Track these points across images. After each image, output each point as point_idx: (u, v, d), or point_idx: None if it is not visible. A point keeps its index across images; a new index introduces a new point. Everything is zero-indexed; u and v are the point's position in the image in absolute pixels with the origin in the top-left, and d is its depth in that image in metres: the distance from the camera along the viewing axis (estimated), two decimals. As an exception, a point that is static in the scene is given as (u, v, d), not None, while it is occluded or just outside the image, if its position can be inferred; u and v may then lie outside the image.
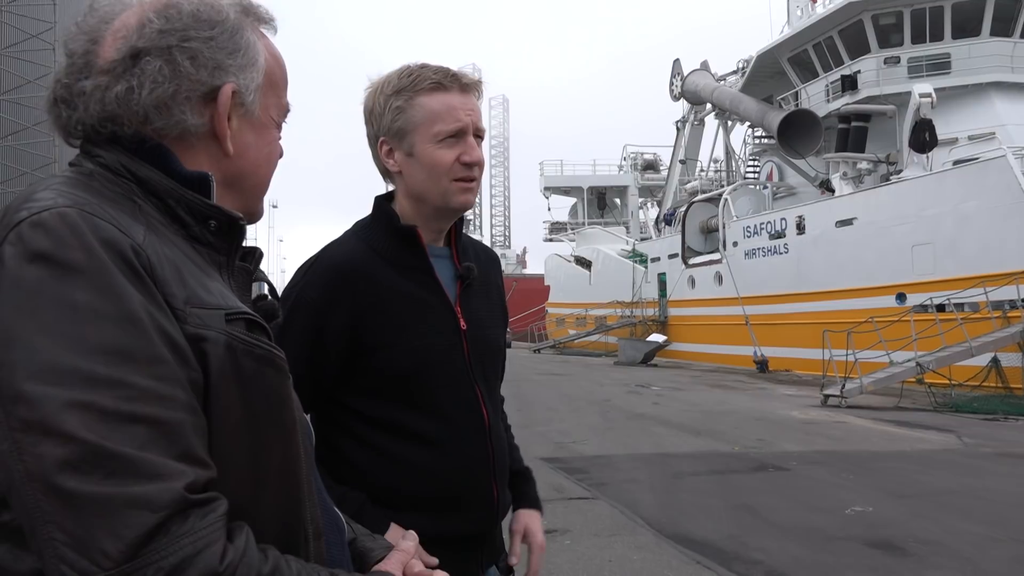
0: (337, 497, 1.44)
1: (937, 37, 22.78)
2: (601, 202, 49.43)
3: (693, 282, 29.40)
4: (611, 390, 17.53)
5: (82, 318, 0.77)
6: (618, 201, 49.16)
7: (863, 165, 22.94)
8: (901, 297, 19.09)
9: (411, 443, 1.60)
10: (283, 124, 1.09)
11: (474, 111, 1.65)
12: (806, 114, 24.89)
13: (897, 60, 23.16)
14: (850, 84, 23.67)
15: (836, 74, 24.65)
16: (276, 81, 1.05)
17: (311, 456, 1.02)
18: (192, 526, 0.76)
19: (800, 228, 23.21)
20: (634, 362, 26.80)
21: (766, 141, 29.51)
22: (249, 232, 1.07)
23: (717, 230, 27.80)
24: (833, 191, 23.17)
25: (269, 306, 1.03)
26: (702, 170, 36.62)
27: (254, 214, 1.07)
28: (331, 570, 0.92)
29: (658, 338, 29.08)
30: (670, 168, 38.80)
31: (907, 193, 19.40)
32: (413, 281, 1.65)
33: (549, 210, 50.68)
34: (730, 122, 33.47)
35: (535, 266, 59.01)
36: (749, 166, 32.43)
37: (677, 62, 36.89)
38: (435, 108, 1.62)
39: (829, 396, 15.20)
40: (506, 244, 78.32)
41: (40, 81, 22.34)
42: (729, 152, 34.27)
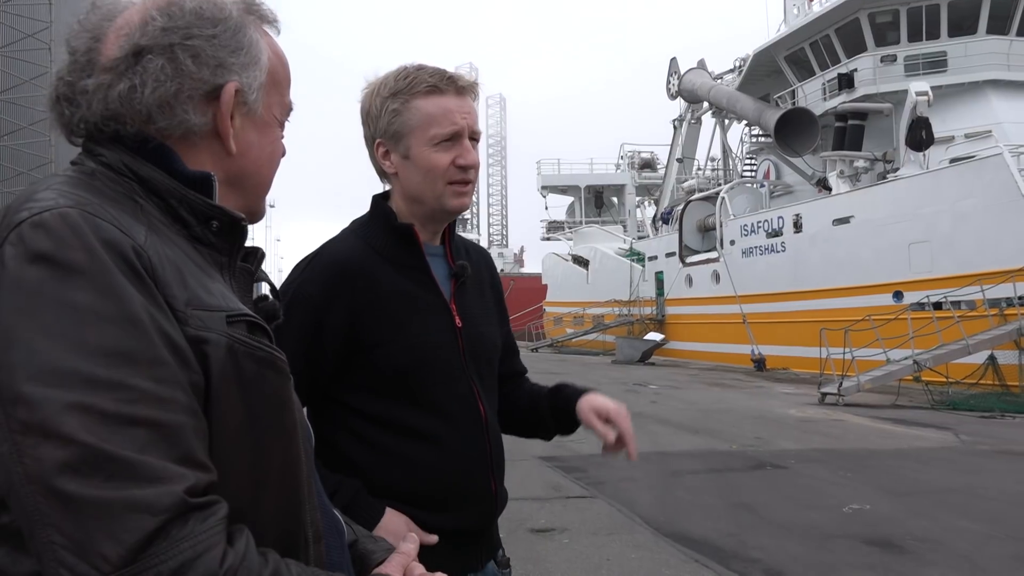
0: (332, 486, 1.44)
1: (933, 35, 22.81)
2: (598, 201, 49.49)
3: (690, 281, 29.42)
4: (609, 389, 17.44)
5: (83, 319, 0.77)
6: (615, 200, 49.21)
7: (860, 163, 22.98)
8: (898, 295, 19.12)
9: (408, 439, 1.61)
10: (286, 123, 1.08)
11: (470, 114, 1.65)
12: (803, 112, 24.90)
13: (894, 58, 23.19)
14: (847, 82, 23.68)
15: (833, 72, 24.66)
16: (279, 80, 1.05)
17: (311, 458, 1.02)
18: (192, 530, 0.76)
19: (797, 226, 23.23)
20: (632, 361, 26.80)
21: (763, 139, 29.55)
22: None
23: (714, 229, 27.81)
24: (830, 189, 23.17)
25: (270, 307, 1.03)
26: (699, 169, 36.58)
27: (256, 213, 1.07)
28: (331, 574, 0.92)
29: (655, 337, 29.07)
30: (667, 167, 38.83)
31: (904, 191, 19.42)
32: (410, 279, 1.66)
33: (546, 209, 50.84)
34: (727, 120, 33.48)
35: (532, 265, 58.97)
36: (746, 165, 32.48)
37: (674, 60, 36.93)
38: (431, 111, 1.62)
39: (826, 394, 15.22)
40: (503, 243, 78.29)
41: (36, 81, 22.28)
42: (726, 151, 34.27)
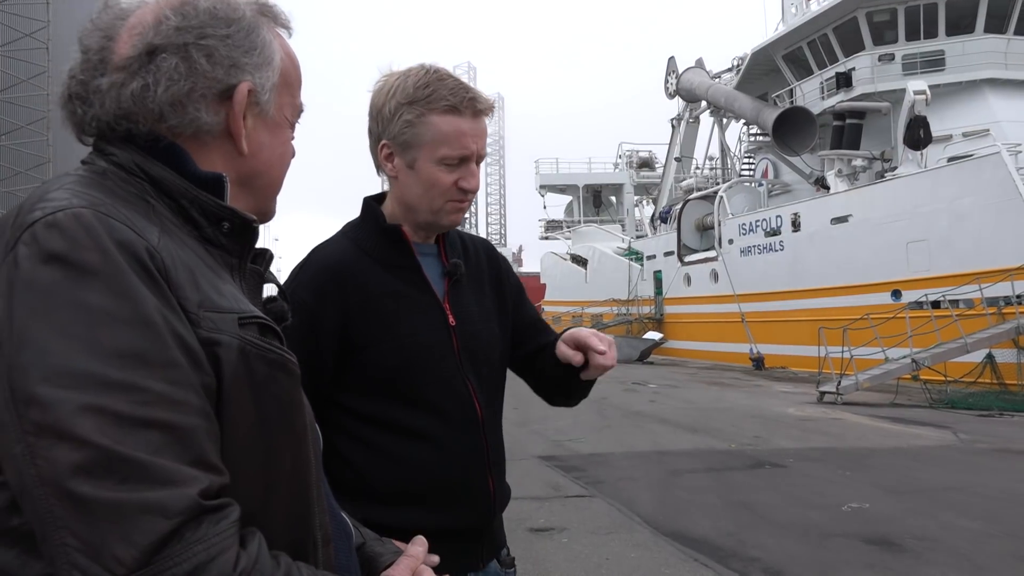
0: None
1: (931, 34, 22.81)
2: (597, 200, 49.47)
3: (689, 280, 29.42)
4: (607, 388, 17.46)
5: (96, 321, 0.76)
6: (614, 199, 49.20)
7: (858, 162, 22.98)
8: (896, 294, 19.13)
9: (404, 438, 1.61)
10: (296, 124, 1.08)
11: (481, 137, 1.66)
12: (801, 111, 24.90)
13: (892, 57, 23.19)
14: (845, 81, 23.68)
15: (831, 71, 24.65)
16: (291, 81, 1.04)
17: (320, 461, 1.02)
18: (205, 532, 0.75)
19: (795, 225, 23.23)
20: (630, 360, 26.78)
21: (761, 138, 29.55)
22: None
23: (713, 228, 27.80)
24: (828, 188, 23.18)
25: (278, 308, 1.03)
26: (697, 168, 36.57)
27: (266, 214, 1.07)
28: None
29: (654, 336, 29.07)
30: (665, 166, 38.82)
31: (902, 190, 19.43)
32: (401, 279, 1.67)
33: (545, 208, 50.86)
34: (725, 119, 33.49)
35: (531, 264, 58.98)
36: (744, 163, 32.47)
37: (672, 60, 36.93)
38: (445, 131, 1.61)
39: (825, 393, 15.23)
40: (502, 242, 78.21)
41: (34, 80, 22.27)
42: (724, 149, 34.28)
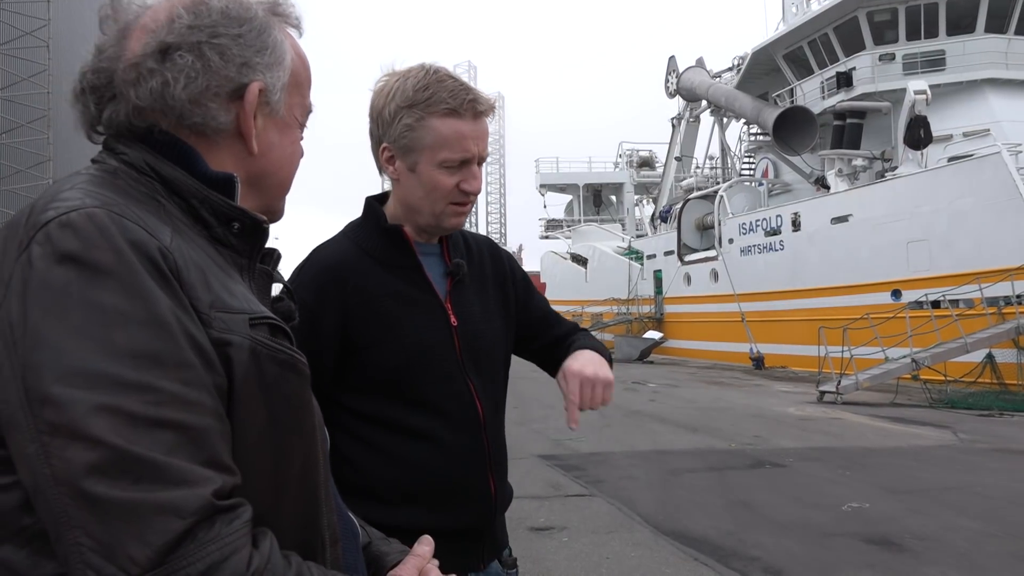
0: None
1: (932, 34, 22.81)
2: (597, 199, 49.46)
3: (689, 279, 29.42)
4: (607, 387, 17.47)
5: (110, 321, 0.76)
6: (614, 198, 49.18)
7: (858, 162, 22.97)
8: (896, 294, 19.14)
9: (405, 438, 1.62)
10: (305, 125, 1.08)
11: (482, 139, 1.64)
12: (801, 111, 24.89)
13: (892, 57, 23.19)
14: (845, 81, 23.68)
15: (831, 71, 24.64)
16: (301, 81, 1.05)
17: (327, 461, 1.02)
18: (219, 532, 0.76)
19: (796, 225, 23.23)
20: (630, 359, 26.82)
21: (761, 138, 29.54)
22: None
23: (713, 227, 27.79)
24: (828, 188, 23.18)
25: (286, 308, 1.03)
26: (698, 167, 36.57)
27: (275, 214, 1.07)
28: None
29: (654, 335, 29.09)
30: (666, 165, 38.80)
31: (902, 190, 19.43)
32: (402, 279, 1.67)
33: (545, 207, 50.83)
34: (725, 119, 33.46)
35: (531, 263, 58.90)
36: (744, 163, 32.47)
37: (672, 59, 36.92)
38: (445, 134, 1.60)
39: (825, 392, 15.24)
40: (502, 241, 78.14)
41: (34, 79, 22.26)
42: (724, 149, 34.25)
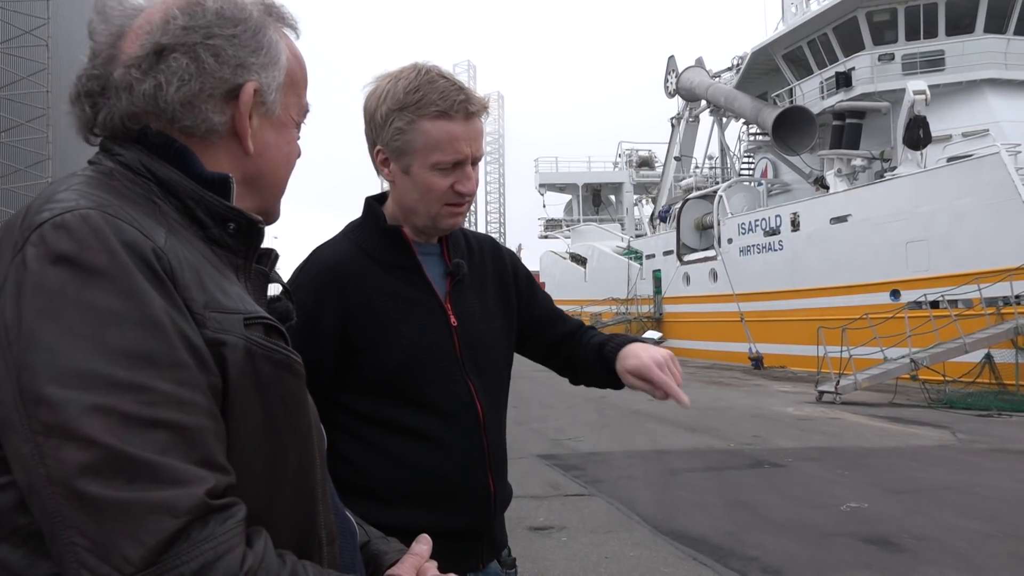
0: None
1: (931, 34, 22.82)
2: (596, 199, 49.46)
3: (688, 279, 29.43)
4: (606, 387, 17.47)
5: (104, 321, 0.77)
6: (613, 198, 49.20)
7: (857, 162, 22.97)
8: (895, 294, 19.15)
9: (404, 438, 1.62)
10: (302, 124, 1.08)
11: (476, 139, 1.62)
12: (800, 111, 24.90)
13: (891, 57, 23.20)
14: (844, 81, 23.68)
15: (831, 71, 24.65)
16: (297, 81, 1.05)
17: (324, 460, 1.02)
18: (212, 531, 0.76)
19: (795, 225, 23.23)
20: (629, 359, 26.77)
21: (761, 138, 29.57)
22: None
23: (712, 227, 27.79)
24: (828, 188, 23.19)
25: (283, 308, 1.03)
26: (697, 167, 36.60)
27: (271, 214, 1.07)
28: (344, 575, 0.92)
29: (653, 335, 28.96)
30: (665, 165, 38.81)
31: (901, 190, 19.43)
32: (401, 279, 1.67)
33: (544, 207, 50.83)
34: (725, 119, 33.48)
35: (530, 263, 58.87)
36: (744, 163, 32.50)
37: (672, 59, 36.96)
38: (436, 137, 1.59)
39: (824, 392, 15.26)
40: (501, 241, 77.71)
41: (34, 77, 22.23)
42: (724, 149, 34.29)
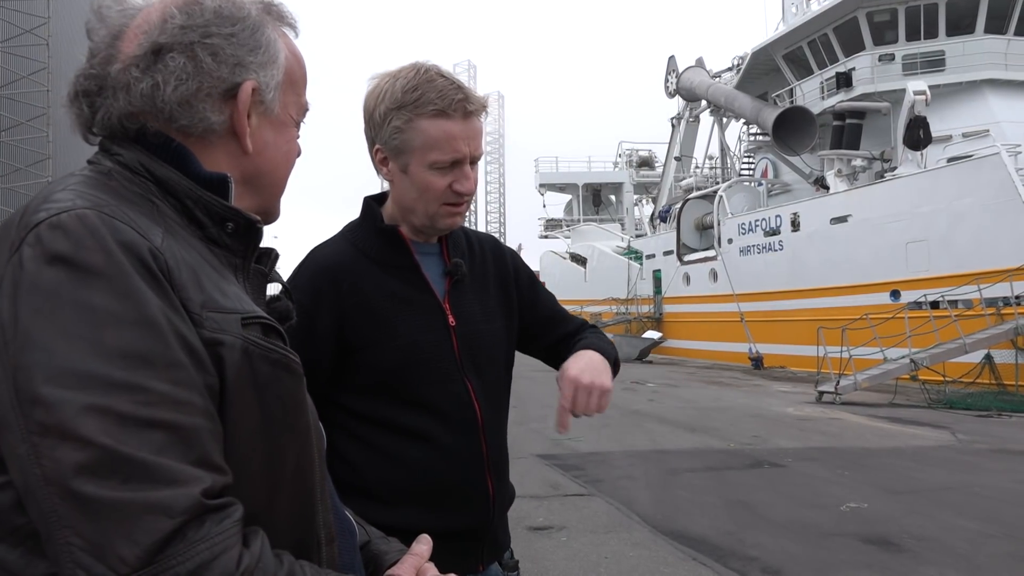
0: None
1: (931, 34, 22.81)
2: (596, 199, 49.45)
3: (688, 279, 29.43)
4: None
5: (100, 322, 0.76)
6: (613, 198, 49.19)
7: (858, 162, 22.98)
8: (895, 294, 19.15)
9: (402, 438, 1.61)
10: (301, 123, 1.08)
11: (474, 138, 1.61)
12: (801, 111, 24.89)
13: (892, 57, 23.20)
14: (845, 81, 23.68)
15: (831, 71, 24.64)
16: (296, 79, 1.04)
17: (323, 460, 1.02)
18: (208, 531, 0.76)
19: (795, 225, 23.23)
20: (629, 359, 26.78)
21: (761, 138, 29.56)
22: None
23: (712, 227, 27.79)
24: (828, 188, 23.19)
25: (283, 308, 1.03)
26: (697, 167, 36.58)
27: (271, 214, 1.07)
28: (343, 575, 0.92)
29: (653, 335, 29.09)
30: (665, 165, 38.81)
31: (901, 190, 19.43)
32: (399, 279, 1.66)
33: (544, 207, 50.81)
34: (725, 119, 33.48)
35: (530, 263, 58.72)
36: (744, 163, 32.50)
37: (672, 59, 36.94)
38: (434, 136, 1.58)
39: (824, 393, 15.25)
40: (501, 240, 78.14)
41: (34, 77, 22.23)
42: (724, 149, 34.28)
